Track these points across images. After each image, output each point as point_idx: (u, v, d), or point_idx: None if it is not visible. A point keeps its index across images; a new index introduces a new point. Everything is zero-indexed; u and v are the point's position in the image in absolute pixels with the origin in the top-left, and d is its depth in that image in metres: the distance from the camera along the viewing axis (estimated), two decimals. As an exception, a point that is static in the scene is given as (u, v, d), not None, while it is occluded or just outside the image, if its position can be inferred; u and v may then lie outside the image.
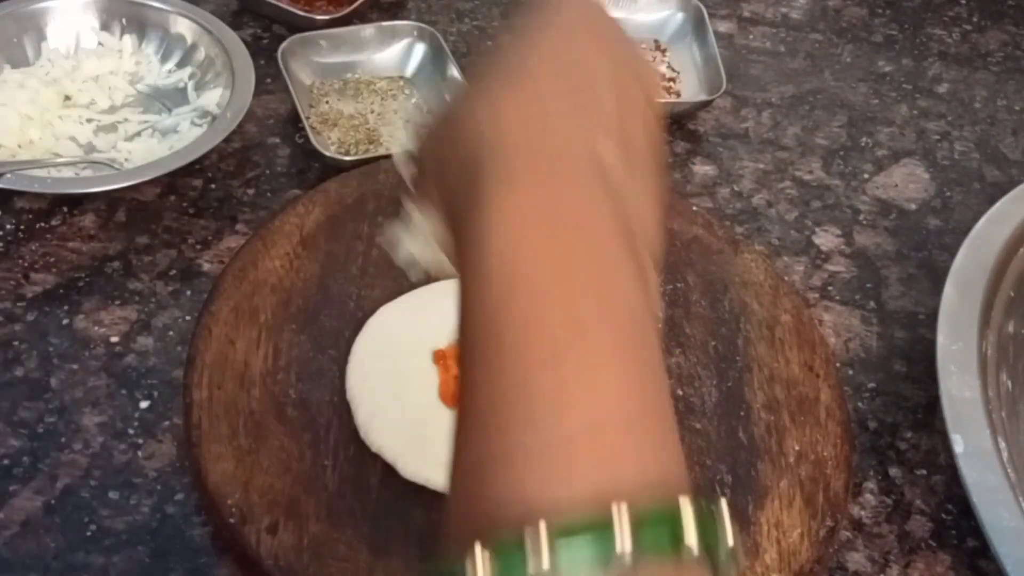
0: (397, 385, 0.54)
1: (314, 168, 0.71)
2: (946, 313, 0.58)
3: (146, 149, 0.70)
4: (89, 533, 0.52)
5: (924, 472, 0.59)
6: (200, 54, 0.76)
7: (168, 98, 0.75)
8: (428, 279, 0.61)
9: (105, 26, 0.77)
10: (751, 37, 0.88)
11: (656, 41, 0.85)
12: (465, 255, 0.32)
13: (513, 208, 0.31)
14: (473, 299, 0.31)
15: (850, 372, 0.63)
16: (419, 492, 0.51)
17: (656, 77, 0.36)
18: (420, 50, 0.80)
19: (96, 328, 0.60)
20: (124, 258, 0.64)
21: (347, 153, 0.71)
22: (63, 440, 0.55)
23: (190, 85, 0.75)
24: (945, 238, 0.72)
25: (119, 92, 0.75)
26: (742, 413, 0.57)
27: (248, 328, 0.57)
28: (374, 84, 0.78)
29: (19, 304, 0.61)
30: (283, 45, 0.76)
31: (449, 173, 0.34)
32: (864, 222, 0.73)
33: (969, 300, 0.59)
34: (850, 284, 0.69)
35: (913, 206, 0.75)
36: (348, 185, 0.66)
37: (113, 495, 0.53)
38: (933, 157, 0.79)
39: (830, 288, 0.68)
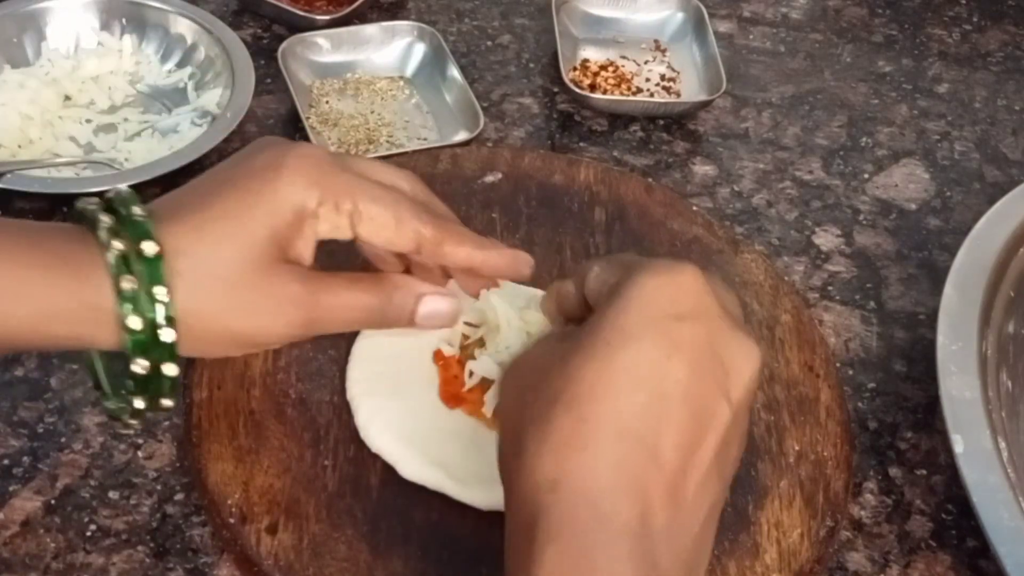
0: (397, 385, 0.54)
1: (314, 168, 0.71)
2: (946, 313, 0.58)
3: (146, 149, 0.70)
4: (89, 533, 0.52)
5: (924, 472, 0.59)
6: (200, 54, 0.76)
7: (168, 98, 0.75)
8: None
9: (105, 26, 0.77)
10: (751, 37, 0.88)
11: (656, 41, 0.85)
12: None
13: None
14: None
15: (850, 372, 0.63)
16: (419, 492, 0.51)
17: (754, 361, 0.39)
18: (420, 50, 0.80)
19: (96, 328, 0.60)
20: (124, 258, 0.64)
21: (338, 151, 0.71)
22: (63, 440, 0.55)
23: (190, 85, 0.75)
24: (945, 238, 0.72)
25: (119, 92, 0.75)
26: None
27: (248, 328, 0.57)
28: (374, 84, 0.78)
29: (19, 304, 0.61)
30: (283, 45, 0.76)
31: (515, 492, 0.38)
32: (864, 222, 0.73)
33: (969, 300, 0.59)
34: (850, 284, 0.69)
35: (913, 206, 0.75)
36: (348, 185, 0.66)
37: (113, 495, 0.53)
38: (933, 157, 0.79)
39: (830, 288, 0.68)
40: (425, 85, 0.79)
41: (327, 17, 0.80)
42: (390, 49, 0.80)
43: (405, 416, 0.53)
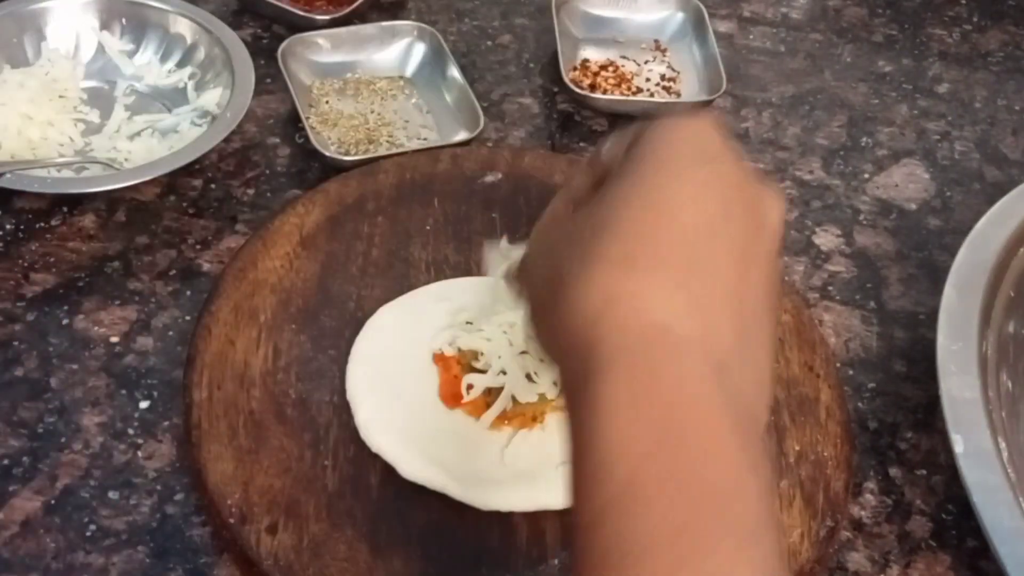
0: (397, 385, 0.54)
1: (314, 168, 0.71)
2: (946, 313, 0.58)
3: (146, 149, 0.70)
4: (89, 533, 0.52)
5: (924, 472, 0.59)
6: (200, 54, 0.76)
7: (168, 98, 0.75)
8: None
9: (105, 26, 0.77)
10: (751, 37, 0.88)
11: (656, 41, 0.85)
12: (577, 433, 0.33)
13: (627, 402, 0.32)
14: (586, 487, 0.32)
15: (850, 372, 0.63)
16: (419, 492, 0.51)
17: (779, 207, 0.39)
18: (420, 50, 0.80)
19: (96, 328, 0.60)
20: (124, 258, 0.64)
21: (347, 153, 0.71)
22: (63, 440, 0.55)
23: (190, 85, 0.75)
24: (945, 238, 0.72)
25: (119, 92, 0.75)
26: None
27: (248, 328, 0.57)
28: (374, 84, 0.78)
29: (19, 304, 0.61)
30: (283, 45, 0.76)
31: (560, 344, 0.35)
32: (864, 222, 0.73)
33: (969, 300, 0.59)
34: (850, 284, 0.69)
35: (913, 206, 0.75)
36: (348, 185, 0.66)
37: (113, 495, 0.53)
38: (933, 157, 0.79)
39: (830, 288, 0.68)
40: (425, 85, 0.79)
41: (327, 17, 0.80)
42: (390, 49, 0.80)
43: (405, 416, 0.53)
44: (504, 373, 0.53)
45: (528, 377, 0.54)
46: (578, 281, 0.35)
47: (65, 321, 0.60)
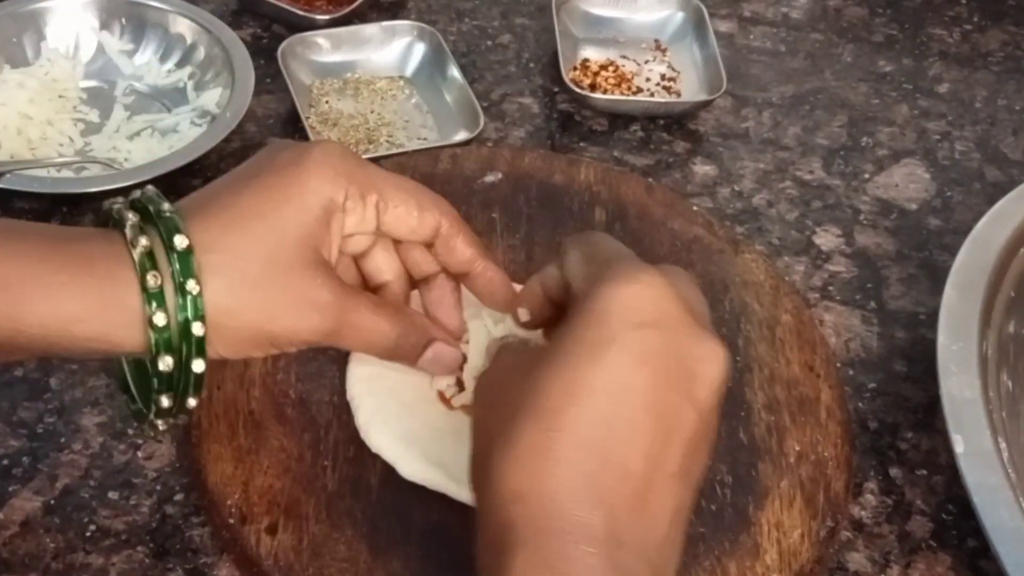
0: (397, 385, 0.54)
1: (314, 168, 0.71)
2: (946, 313, 0.58)
3: (146, 149, 0.70)
4: (89, 533, 0.52)
5: (924, 472, 0.59)
6: (200, 54, 0.76)
7: (168, 98, 0.75)
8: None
9: (105, 26, 0.77)
10: (751, 37, 0.88)
11: (656, 41, 0.85)
12: None
13: None
14: None
15: (850, 372, 0.63)
16: (419, 492, 0.51)
17: (719, 363, 0.41)
18: (420, 50, 0.80)
19: (96, 328, 0.60)
20: (124, 258, 0.64)
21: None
22: (63, 440, 0.55)
23: (190, 85, 0.75)
24: (945, 238, 0.72)
25: (118, 92, 0.75)
26: (742, 413, 0.57)
27: (248, 328, 0.57)
28: (374, 84, 0.78)
29: (19, 304, 0.61)
30: (283, 45, 0.76)
31: (485, 502, 0.39)
32: (864, 222, 0.73)
33: (970, 300, 0.59)
34: (850, 284, 0.69)
35: (914, 206, 0.75)
36: (348, 185, 0.66)
37: (113, 495, 0.53)
38: (934, 157, 0.79)
39: (830, 288, 0.68)
40: (425, 85, 0.79)
41: (327, 17, 0.80)
42: (390, 49, 0.80)
43: (405, 416, 0.53)
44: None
45: None
46: (499, 463, 0.38)
47: (65, 321, 0.60)
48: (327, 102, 0.76)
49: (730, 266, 0.64)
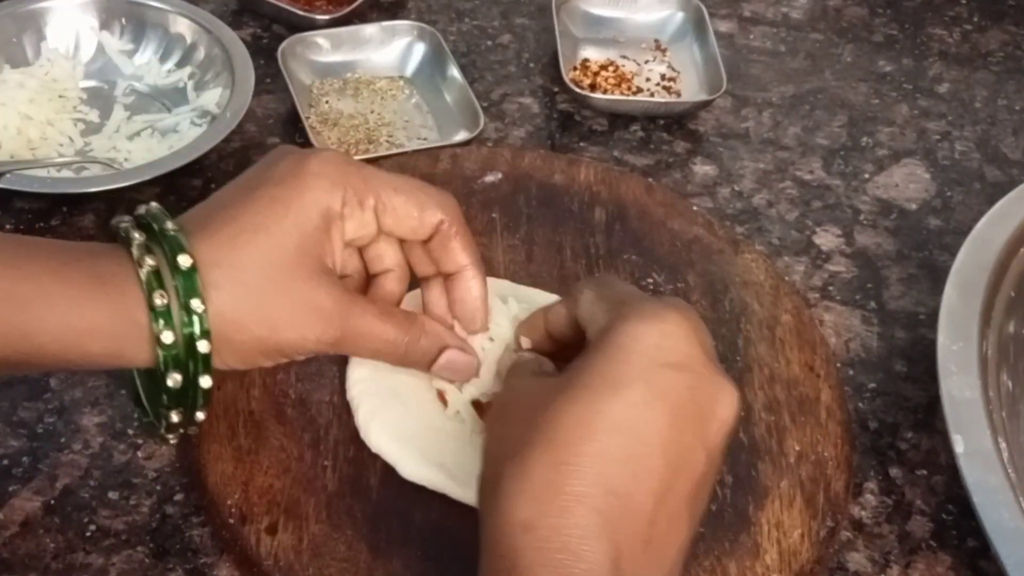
0: (397, 385, 0.54)
1: (314, 168, 0.71)
2: (947, 313, 0.58)
3: (146, 149, 0.70)
4: (89, 533, 0.52)
5: (924, 472, 0.59)
6: (200, 54, 0.76)
7: (168, 98, 0.75)
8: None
9: (105, 26, 0.77)
10: (751, 37, 0.88)
11: (656, 41, 0.85)
12: None
13: None
14: None
15: (850, 372, 0.63)
16: (419, 492, 0.51)
17: (731, 403, 0.42)
18: (420, 50, 0.80)
19: (96, 328, 0.60)
20: (124, 258, 0.64)
21: (347, 153, 0.71)
22: (63, 440, 0.55)
23: (190, 85, 0.75)
24: (945, 238, 0.72)
25: (118, 92, 0.75)
26: (742, 413, 0.56)
27: (248, 328, 0.57)
28: (374, 84, 0.78)
29: (19, 304, 0.61)
30: (283, 45, 0.76)
31: (494, 526, 0.39)
32: (864, 222, 0.73)
33: (970, 300, 0.59)
34: (851, 284, 0.69)
35: (914, 206, 0.75)
36: (348, 185, 0.66)
37: (113, 495, 0.53)
38: (934, 157, 0.79)
39: (830, 288, 0.68)
40: (425, 85, 0.79)
41: (327, 17, 0.80)
42: (390, 49, 0.80)
43: (405, 416, 0.53)
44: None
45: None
46: (510, 491, 0.39)
47: (65, 321, 0.60)
48: (327, 102, 0.76)
49: (730, 266, 0.64)
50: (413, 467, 0.51)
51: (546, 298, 0.60)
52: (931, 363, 0.56)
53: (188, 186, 0.69)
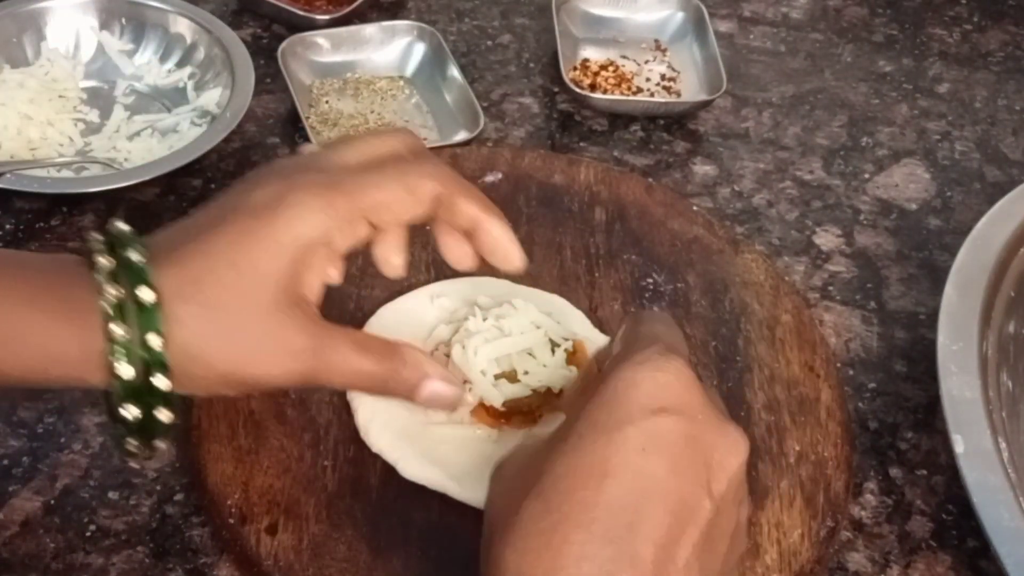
0: (397, 385, 0.54)
1: (314, 168, 0.71)
2: (947, 313, 0.58)
3: (146, 149, 0.70)
4: (89, 533, 0.52)
5: (924, 472, 0.59)
6: (200, 54, 0.76)
7: (168, 98, 0.75)
8: (429, 280, 0.61)
9: (105, 26, 0.77)
10: (751, 37, 0.88)
11: (656, 41, 0.85)
12: None
13: None
14: None
15: (850, 372, 0.63)
16: (419, 492, 0.51)
17: (739, 452, 0.40)
18: (420, 50, 0.80)
19: (96, 328, 0.60)
20: (124, 258, 0.64)
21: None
22: (63, 440, 0.55)
23: (190, 85, 0.75)
24: (945, 238, 0.72)
25: (118, 92, 0.75)
26: (742, 413, 0.57)
27: (248, 328, 0.57)
28: (374, 84, 0.78)
29: (19, 304, 0.61)
30: (283, 45, 0.76)
31: None
32: (864, 222, 0.73)
33: (970, 300, 0.59)
34: (851, 284, 0.69)
35: (914, 206, 0.75)
36: (348, 185, 0.66)
37: (113, 495, 0.53)
38: (934, 157, 0.79)
39: (830, 288, 0.68)
40: (425, 85, 0.79)
41: (327, 17, 0.80)
42: (390, 49, 0.80)
43: (405, 416, 0.53)
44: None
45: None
46: (506, 543, 0.38)
47: (65, 321, 0.60)
48: (327, 102, 0.76)
49: (730, 266, 0.64)
50: (413, 467, 0.51)
51: (546, 298, 0.60)
52: (931, 363, 0.56)
53: (188, 186, 0.69)
